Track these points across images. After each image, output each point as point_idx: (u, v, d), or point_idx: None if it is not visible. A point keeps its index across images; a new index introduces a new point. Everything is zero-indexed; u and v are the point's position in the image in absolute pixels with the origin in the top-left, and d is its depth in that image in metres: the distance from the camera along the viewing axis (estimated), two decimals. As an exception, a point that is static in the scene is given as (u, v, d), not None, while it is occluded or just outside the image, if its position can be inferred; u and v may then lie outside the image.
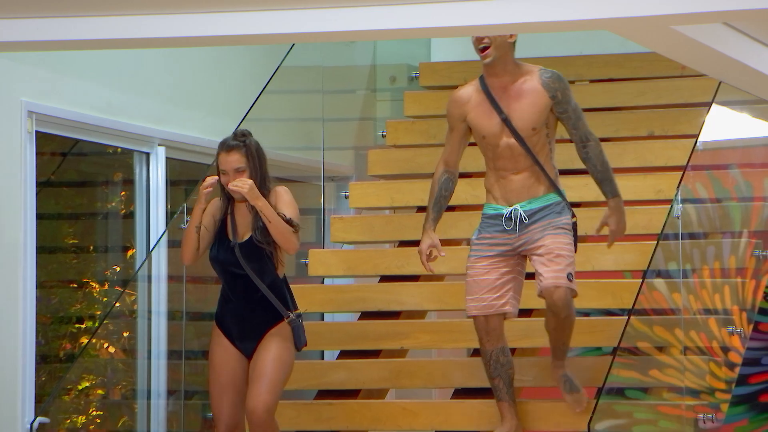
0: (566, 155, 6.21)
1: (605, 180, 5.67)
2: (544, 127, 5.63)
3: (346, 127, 7.84)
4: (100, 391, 6.75)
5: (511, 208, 5.61)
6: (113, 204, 7.08)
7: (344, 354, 6.69)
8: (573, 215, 5.67)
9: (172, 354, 6.55)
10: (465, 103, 5.68)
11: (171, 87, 6.82)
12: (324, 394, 6.45)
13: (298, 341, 5.66)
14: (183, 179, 7.10)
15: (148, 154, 6.74)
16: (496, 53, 5.58)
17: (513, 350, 5.99)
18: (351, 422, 6.26)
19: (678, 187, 6.13)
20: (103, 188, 7.16)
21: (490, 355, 5.67)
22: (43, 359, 6.34)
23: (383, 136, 7.69)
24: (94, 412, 6.65)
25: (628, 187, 6.91)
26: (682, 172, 6.23)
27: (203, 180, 5.67)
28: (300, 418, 6.27)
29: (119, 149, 6.75)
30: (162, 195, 6.75)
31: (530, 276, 5.75)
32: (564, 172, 6.08)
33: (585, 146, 5.65)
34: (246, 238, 5.65)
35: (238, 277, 5.64)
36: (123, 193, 6.99)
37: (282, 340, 5.62)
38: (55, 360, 6.61)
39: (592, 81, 7.69)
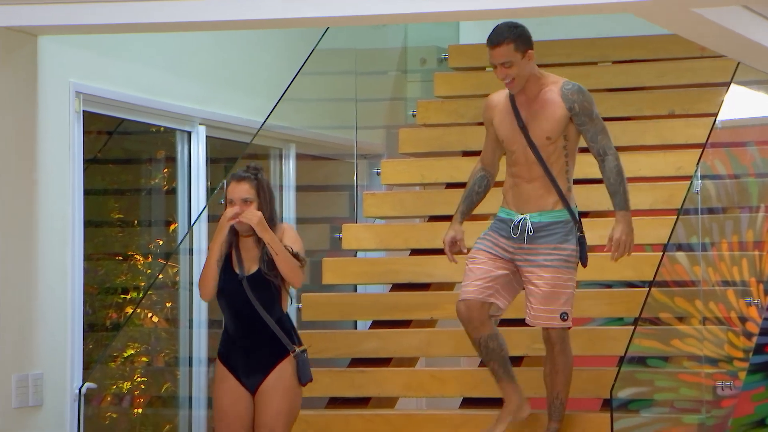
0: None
1: (616, 193, 5.53)
2: (562, 139, 5.51)
3: (378, 106, 7.88)
4: (144, 359, 6.81)
5: (521, 216, 5.53)
6: (156, 180, 7.10)
7: (376, 324, 6.77)
8: (580, 230, 5.54)
9: (213, 323, 6.59)
10: (494, 108, 5.65)
11: (212, 69, 6.84)
12: (357, 362, 6.53)
13: (303, 376, 5.44)
14: (223, 157, 7.13)
15: (189, 133, 6.75)
16: (520, 84, 5.50)
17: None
18: (383, 389, 6.34)
19: (698, 163, 6.18)
20: (146, 165, 7.18)
21: (478, 342, 5.56)
22: (90, 328, 6.34)
23: (414, 115, 7.74)
24: (139, 379, 6.74)
25: (649, 164, 7.06)
26: (701, 150, 6.27)
27: (223, 212, 5.48)
28: (334, 385, 6.37)
29: (162, 128, 6.76)
30: (203, 172, 6.76)
31: None
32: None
33: (603, 160, 5.53)
34: (253, 271, 5.44)
35: (245, 311, 5.41)
36: (165, 170, 7.02)
37: (288, 381, 5.42)
38: (101, 329, 6.63)
39: (615, 62, 7.73)
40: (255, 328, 5.42)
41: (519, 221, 5.52)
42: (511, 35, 5.44)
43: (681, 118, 7.26)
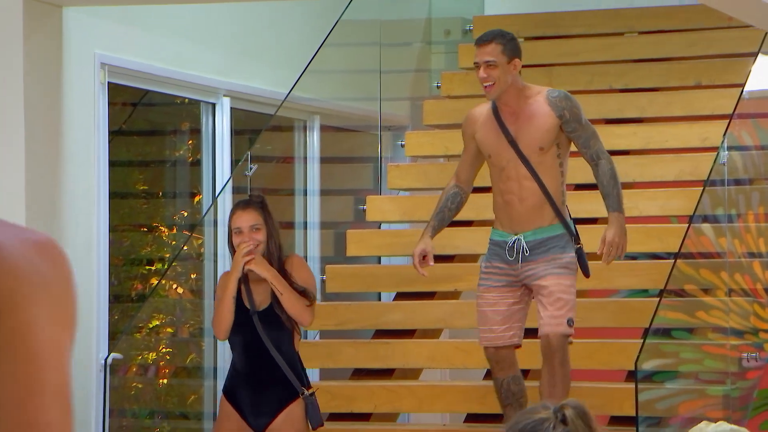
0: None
1: (609, 195, 5.34)
2: (555, 147, 5.32)
3: (402, 78, 7.87)
4: (169, 330, 6.85)
5: (515, 237, 5.32)
6: (181, 152, 7.11)
7: (400, 295, 6.79)
8: (578, 242, 5.35)
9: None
10: (475, 122, 5.44)
11: (236, 40, 6.84)
12: (381, 333, 6.56)
13: (314, 420, 5.23)
14: (247, 129, 7.15)
15: (213, 105, 6.76)
16: (498, 91, 5.29)
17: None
18: (407, 360, 6.36)
19: (724, 134, 6.15)
20: (171, 137, 7.19)
21: (501, 383, 5.42)
22: (115, 299, 6.38)
23: (438, 87, 7.73)
24: (164, 349, 6.77)
25: (675, 135, 7.05)
26: (728, 121, 6.24)
27: (239, 247, 5.25)
28: (358, 356, 6.40)
29: (186, 100, 6.78)
30: (227, 144, 6.76)
31: None
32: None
33: (597, 165, 5.35)
34: (264, 306, 5.25)
35: (254, 348, 5.22)
36: (190, 141, 7.03)
37: (298, 424, 5.24)
38: (127, 300, 6.67)
39: (641, 33, 7.72)
40: (264, 366, 5.21)
41: (513, 242, 5.33)
42: (501, 38, 5.33)
43: (708, 88, 7.24)
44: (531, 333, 5.58)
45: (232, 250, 5.35)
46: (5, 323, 1.46)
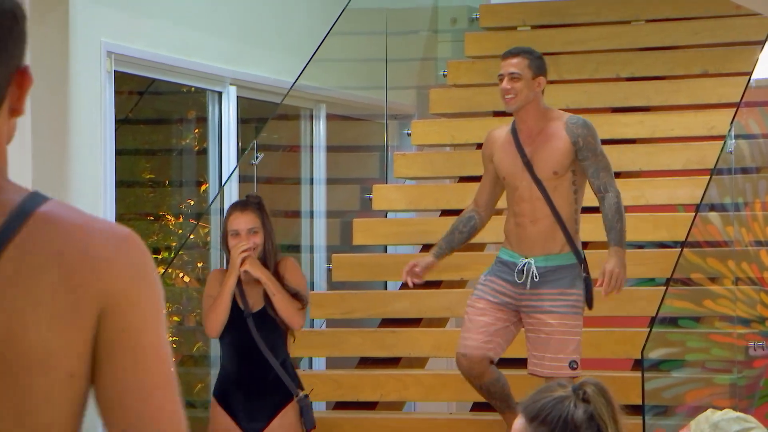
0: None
1: (612, 229, 5.21)
2: (570, 174, 5.22)
3: (408, 67, 7.87)
4: (175, 318, 6.88)
5: (526, 261, 5.20)
6: (187, 141, 7.12)
7: (407, 284, 6.88)
8: (585, 270, 5.23)
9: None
10: (493, 143, 5.35)
11: (242, 28, 6.84)
12: (387, 322, 6.57)
13: (308, 422, 5.12)
14: (253, 117, 7.14)
15: (220, 93, 6.76)
16: (519, 104, 5.21)
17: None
18: (413, 349, 6.37)
19: (731, 123, 6.14)
20: (177, 125, 7.21)
21: (479, 387, 5.35)
22: None
23: (444, 75, 7.74)
24: (171, 338, 6.85)
25: (681, 123, 7.04)
26: (735, 109, 6.23)
27: (236, 247, 5.14)
28: (364, 345, 6.40)
29: (193, 88, 6.78)
30: (233, 132, 6.76)
31: None
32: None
33: (603, 197, 5.22)
34: (259, 308, 5.14)
35: (248, 351, 5.11)
36: (196, 130, 7.05)
37: (293, 428, 5.14)
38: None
39: (648, 21, 7.71)
40: (258, 369, 5.11)
41: (523, 265, 5.20)
42: (529, 54, 5.26)
43: (714, 77, 7.24)
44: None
45: (227, 250, 5.24)
46: (120, 320, 1.58)
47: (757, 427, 2.63)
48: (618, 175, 6.92)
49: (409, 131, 7.46)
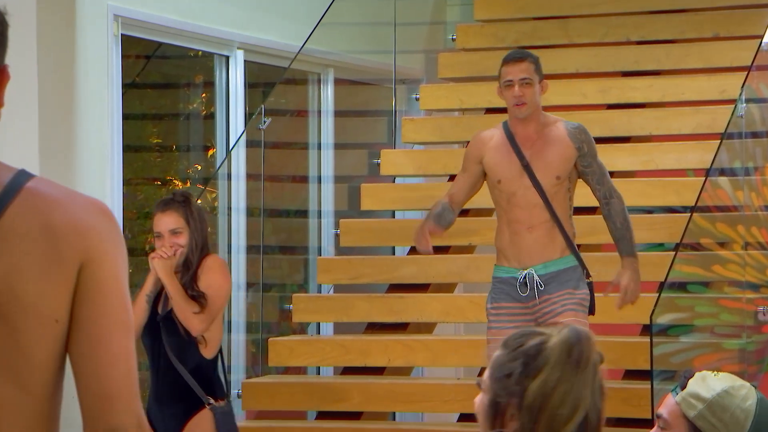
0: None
1: (623, 239, 5.12)
2: (567, 181, 5.10)
3: (417, 31, 7.83)
4: (183, 283, 6.98)
5: (525, 272, 5.05)
6: (194, 105, 7.13)
7: (414, 249, 6.70)
8: (588, 275, 5.14)
9: (251, 249, 6.64)
10: (484, 145, 5.18)
11: None
12: (395, 287, 6.56)
13: None
14: (261, 82, 7.13)
15: (227, 57, 6.73)
16: (531, 110, 5.10)
17: None
18: (421, 314, 6.37)
19: (742, 87, 6.11)
20: (185, 90, 7.20)
21: None
22: (129, 252, 6.41)
23: (453, 39, 7.69)
24: None
25: (692, 87, 7.00)
26: (746, 73, 6.20)
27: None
28: (372, 311, 6.40)
29: (200, 52, 6.77)
30: (241, 97, 6.74)
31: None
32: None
33: (608, 203, 5.11)
34: (168, 310, 4.84)
35: (158, 356, 4.84)
36: (204, 94, 7.04)
37: None
38: (140, 253, 6.63)
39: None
40: (168, 374, 4.81)
41: (524, 277, 5.05)
42: (532, 57, 5.16)
43: (725, 40, 7.19)
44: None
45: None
46: (96, 273, 1.97)
47: (748, 388, 2.63)
48: (627, 139, 6.92)
49: (418, 96, 7.43)
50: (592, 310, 5.13)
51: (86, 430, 1.98)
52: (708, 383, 2.62)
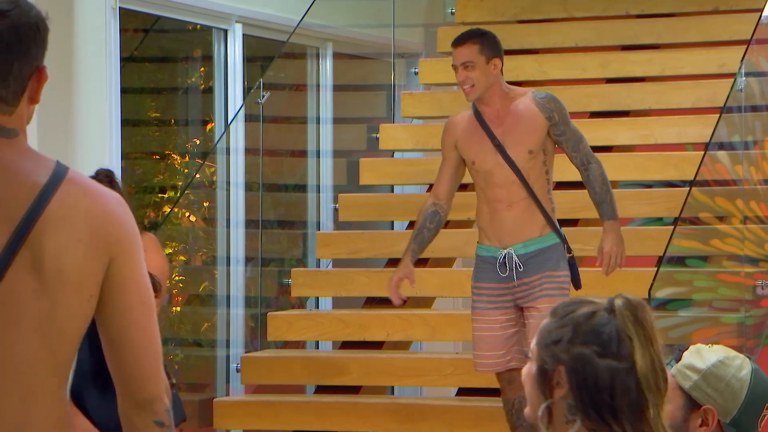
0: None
1: (603, 202, 5.08)
2: (541, 153, 5.06)
3: (416, 4, 7.80)
4: (182, 257, 6.88)
5: (505, 251, 5.04)
6: (193, 79, 7.12)
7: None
8: (569, 250, 5.09)
9: (250, 223, 6.65)
10: (456, 129, 5.16)
11: None
12: (394, 261, 6.47)
13: (175, 415, 4.60)
14: (259, 56, 7.12)
15: (226, 31, 6.72)
16: (479, 93, 5.05)
17: None
18: (420, 288, 6.27)
19: (742, 60, 6.11)
20: (183, 64, 7.18)
21: (512, 404, 5.14)
22: None
23: (452, 13, 7.67)
24: (177, 277, 6.75)
25: (691, 61, 6.99)
26: (745, 46, 6.20)
27: None
28: (371, 284, 6.41)
29: (198, 26, 6.76)
30: (239, 71, 6.73)
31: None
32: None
33: (587, 169, 5.08)
34: None
35: (98, 342, 4.73)
36: (202, 68, 7.03)
37: None
38: (139, 228, 6.77)
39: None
40: (102, 365, 4.60)
41: (503, 257, 5.05)
42: (477, 37, 5.08)
43: (725, 13, 7.17)
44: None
45: None
46: (129, 262, 2.26)
47: (742, 359, 2.64)
48: (627, 113, 6.90)
49: (417, 70, 7.43)
50: (578, 285, 5.11)
51: (124, 399, 2.33)
52: (703, 355, 2.63)
